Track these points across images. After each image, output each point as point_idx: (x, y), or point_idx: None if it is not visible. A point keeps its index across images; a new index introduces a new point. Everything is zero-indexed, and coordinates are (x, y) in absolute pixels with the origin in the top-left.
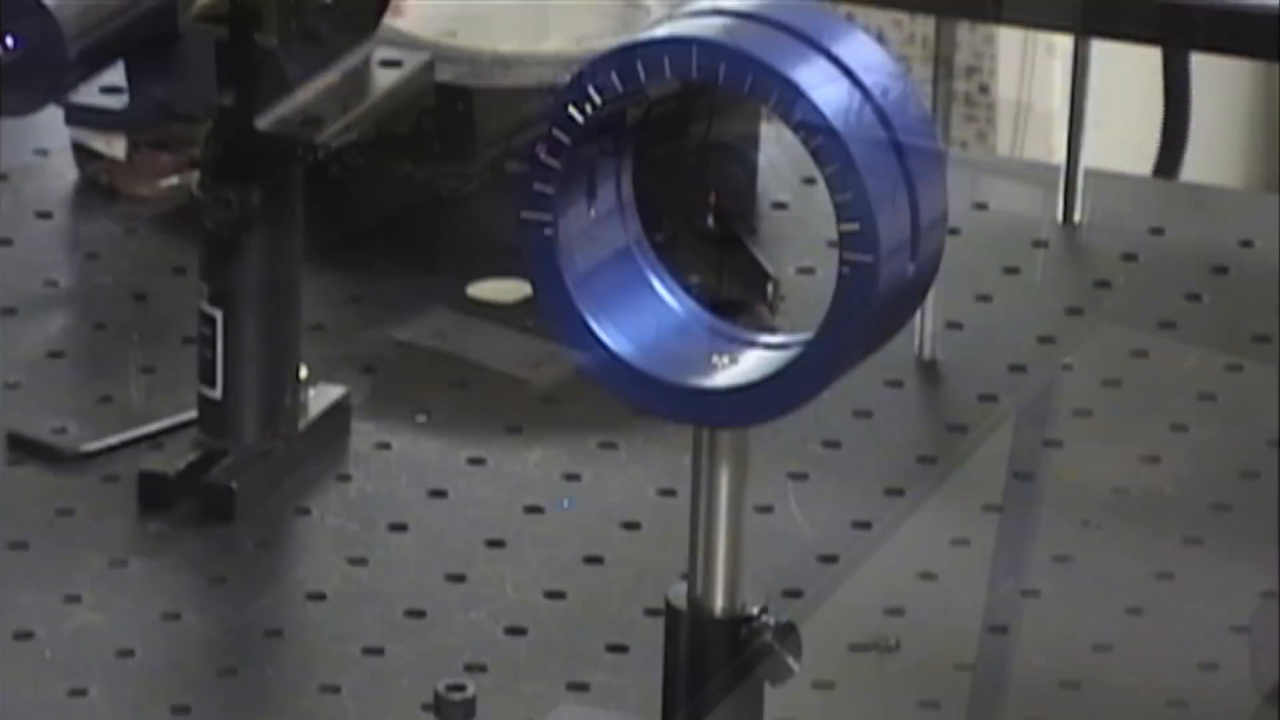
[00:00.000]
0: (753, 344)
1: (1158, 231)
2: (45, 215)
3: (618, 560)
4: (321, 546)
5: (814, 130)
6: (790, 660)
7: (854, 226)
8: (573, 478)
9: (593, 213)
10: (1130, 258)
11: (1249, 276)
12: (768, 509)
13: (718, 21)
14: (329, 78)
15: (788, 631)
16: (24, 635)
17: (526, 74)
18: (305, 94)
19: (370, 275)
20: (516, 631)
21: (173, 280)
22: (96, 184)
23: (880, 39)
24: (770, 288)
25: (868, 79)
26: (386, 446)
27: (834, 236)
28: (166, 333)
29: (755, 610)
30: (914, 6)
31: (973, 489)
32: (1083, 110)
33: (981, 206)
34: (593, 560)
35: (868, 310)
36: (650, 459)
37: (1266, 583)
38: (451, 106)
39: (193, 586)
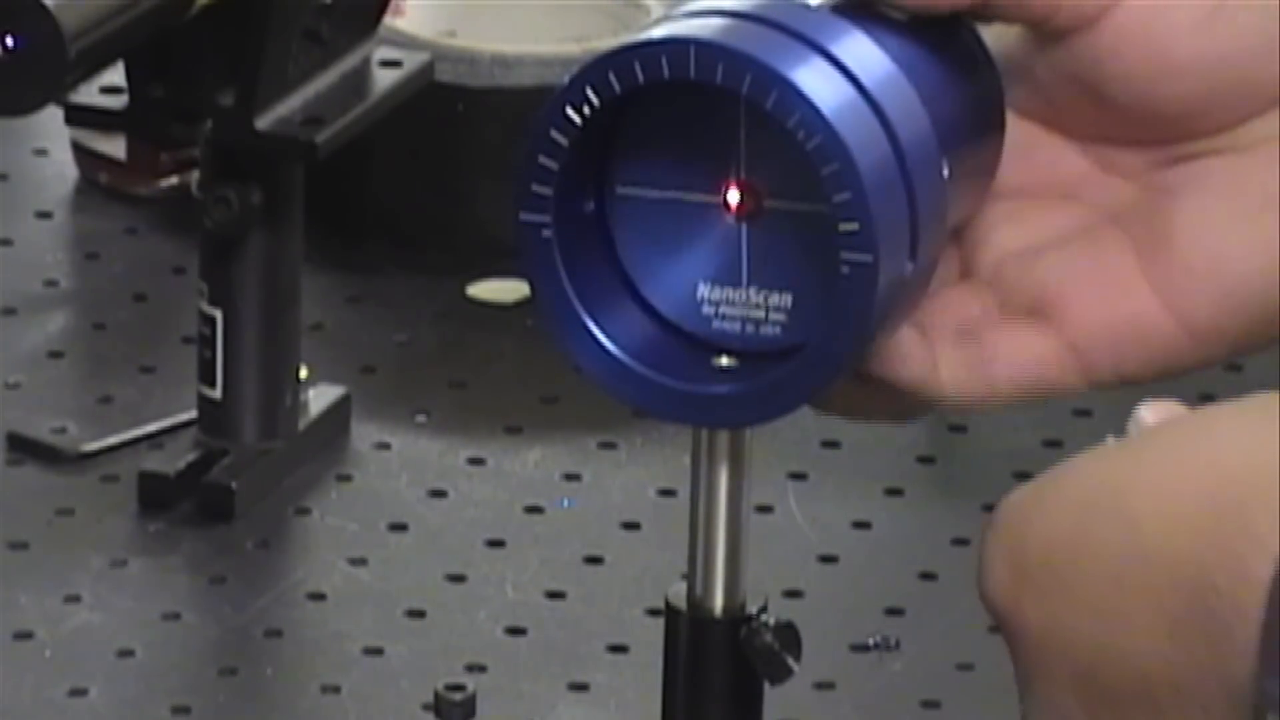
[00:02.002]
0: (752, 344)
1: None
2: (45, 215)
3: (618, 560)
4: (321, 546)
5: (813, 130)
6: (790, 660)
7: (853, 226)
8: (573, 478)
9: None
10: None
11: None
12: (768, 509)
13: (716, 22)
14: (329, 78)
15: (788, 631)
16: (24, 635)
17: (526, 74)
18: (305, 94)
19: (370, 275)
20: (516, 631)
21: (173, 280)
22: (96, 184)
23: None
24: None
25: (867, 79)
26: (386, 446)
27: None
28: (166, 333)
29: (755, 610)
30: None
31: (973, 489)
32: None
33: None
34: (593, 560)
35: (868, 310)
36: (650, 459)
37: None
38: (451, 106)
39: (193, 586)
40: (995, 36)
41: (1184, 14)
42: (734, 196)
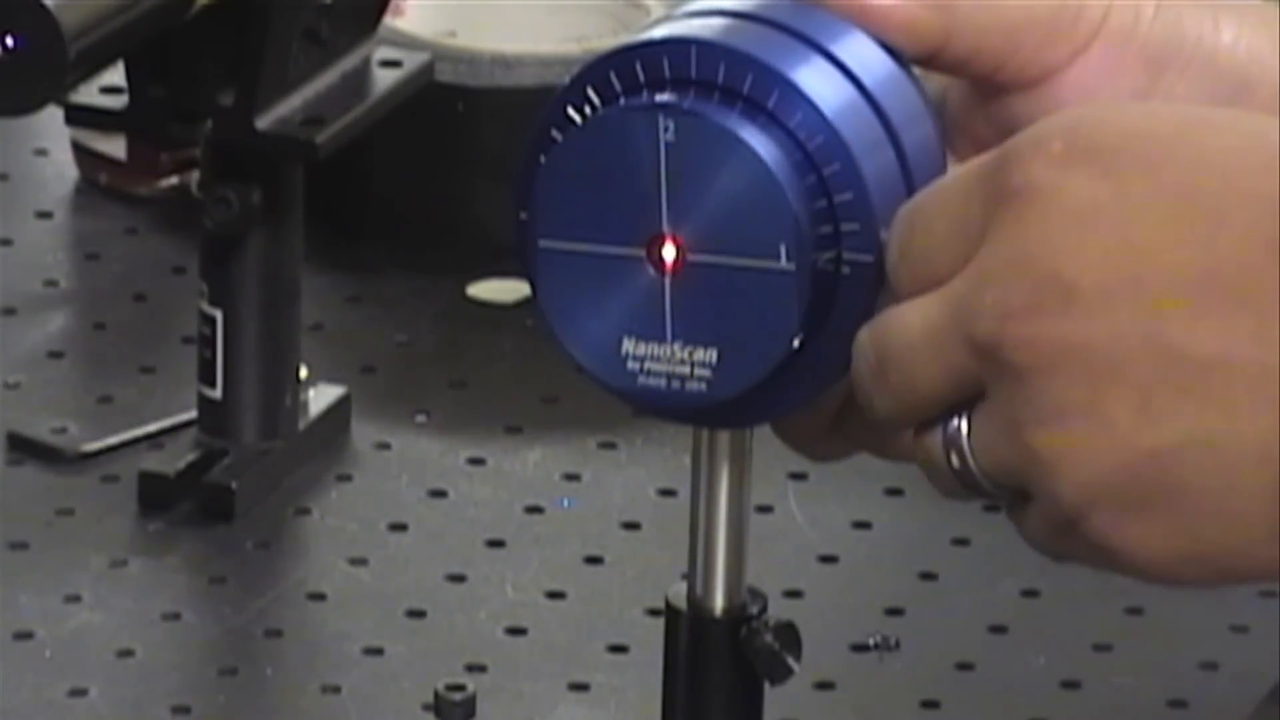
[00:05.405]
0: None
1: None
2: (45, 215)
3: (618, 560)
4: (321, 546)
5: (814, 130)
6: (790, 660)
7: (854, 226)
8: (573, 478)
9: None
10: None
11: None
12: (768, 509)
13: (717, 22)
14: (329, 78)
15: (788, 631)
16: (24, 635)
17: (526, 74)
18: (305, 94)
19: (370, 275)
20: (516, 631)
21: (173, 280)
22: (96, 184)
23: None
24: None
25: (868, 79)
26: (386, 446)
27: None
28: (166, 333)
29: (755, 610)
30: None
31: None
32: None
33: None
34: (593, 560)
35: (868, 310)
36: (650, 459)
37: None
38: (451, 106)
39: (193, 586)
40: (936, 87)
41: (1125, 88)
42: (657, 250)
